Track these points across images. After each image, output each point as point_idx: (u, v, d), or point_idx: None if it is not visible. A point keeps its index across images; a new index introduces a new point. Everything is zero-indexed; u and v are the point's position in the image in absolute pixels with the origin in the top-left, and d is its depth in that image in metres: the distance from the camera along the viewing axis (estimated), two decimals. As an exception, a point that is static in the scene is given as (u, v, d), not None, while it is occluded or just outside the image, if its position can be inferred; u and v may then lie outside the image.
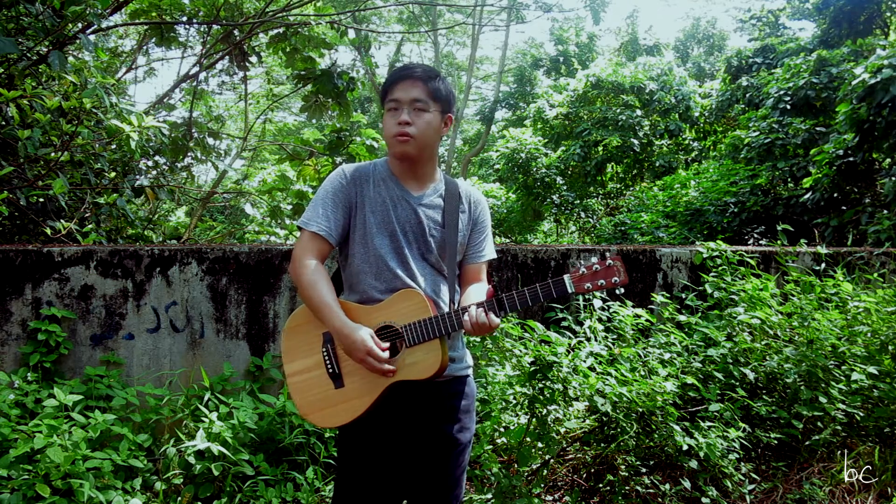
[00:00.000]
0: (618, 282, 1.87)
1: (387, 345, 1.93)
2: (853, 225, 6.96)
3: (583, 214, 14.39)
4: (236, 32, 6.44)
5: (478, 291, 2.09)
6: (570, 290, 1.88)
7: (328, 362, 2.02)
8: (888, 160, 7.35)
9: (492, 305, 1.90)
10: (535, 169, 13.78)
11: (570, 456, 3.48)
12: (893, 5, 11.02)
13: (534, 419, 3.21)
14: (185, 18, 6.53)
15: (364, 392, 1.97)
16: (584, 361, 3.26)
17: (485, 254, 2.17)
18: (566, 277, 1.88)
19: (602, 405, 3.11)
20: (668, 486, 3.20)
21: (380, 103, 2.20)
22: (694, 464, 3.13)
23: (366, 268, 2.03)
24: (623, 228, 10.53)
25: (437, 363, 1.91)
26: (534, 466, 3.29)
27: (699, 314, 4.09)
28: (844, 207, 7.56)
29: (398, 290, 1.98)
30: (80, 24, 4.36)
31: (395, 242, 2.02)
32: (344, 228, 2.05)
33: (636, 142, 13.05)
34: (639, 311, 3.67)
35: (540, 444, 3.19)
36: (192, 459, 3.04)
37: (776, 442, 3.45)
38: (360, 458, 2.03)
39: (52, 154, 4.03)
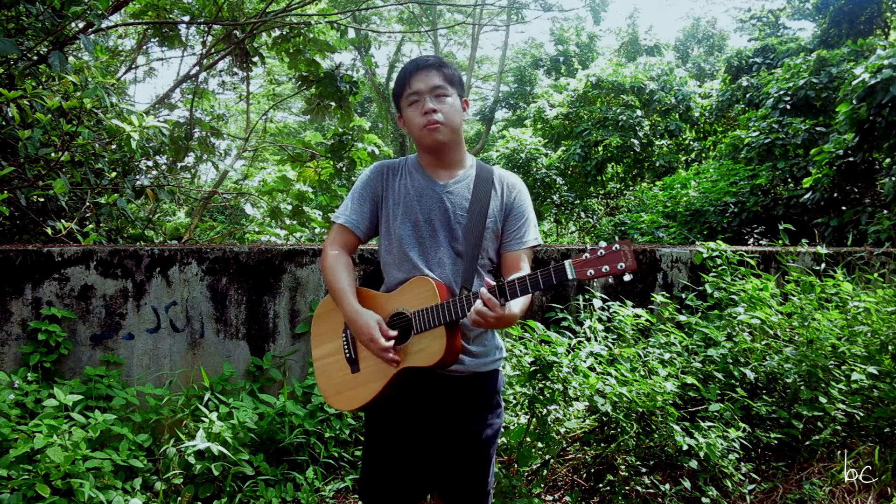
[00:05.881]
0: (624, 268, 1.69)
1: (394, 333, 1.93)
2: (853, 225, 6.96)
3: (583, 214, 14.40)
4: (238, 32, 6.44)
5: None
6: (570, 276, 1.74)
7: (346, 347, 2.07)
8: (888, 160, 7.35)
9: (493, 292, 1.80)
10: (535, 169, 13.79)
11: (570, 456, 3.48)
12: (893, 5, 11.03)
13: (534, 419, 3.21)
14: (186, 18, 6.53)
15: (375, 377, 2.00)
16: (584, 361, 3.26)
17: (525, 240, 2.07)
18: (567, 263, 1.75)
19: (602, 405, 3.11)
20: (668, 486, 3.20)
21: (393, 104, 2.17)
22: (694, 464, 3.13)
23: (390, 259, 2.07)
24: (623, 228, 10.54)
25: (440, 350, 1.88)
26: (534, 466, 3.29)
27: (699, 314, 4.09)
28: (844, 207, 7.56)
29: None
30: (80, 24, 4.36)
31: (418, 233, 2.03)
32: (371, 221, 2.11)
33: (636, 142, 13.06)
34: (639, 311, 3.67)
35: (540, 444, 3.18)
36: (192, 459, 3.04)
37: (776, 442, 3.45)
38: (381, 446, 2.07)
39: (53, 154, 4.02)
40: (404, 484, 2.05)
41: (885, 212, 6.65)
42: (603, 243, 1.75)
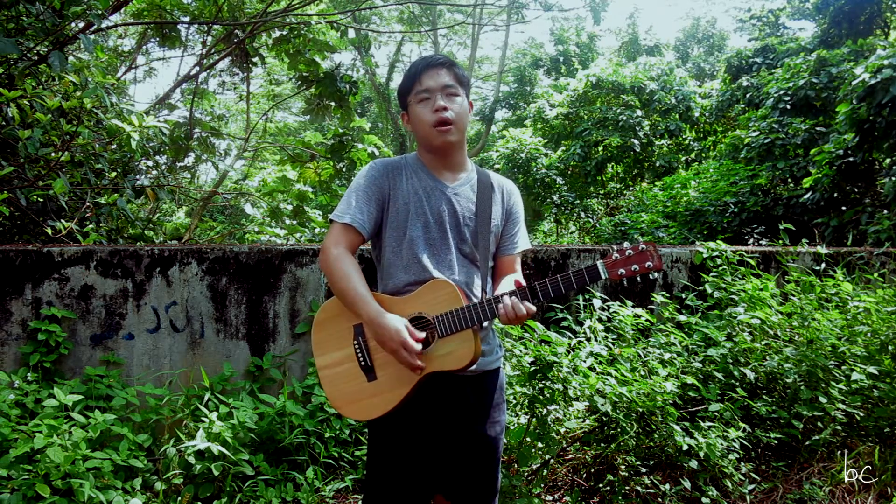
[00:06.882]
0: (651, 266, 1.80)
1: (422, 335, 1.89)
2: (853, 225, 6.96)
3: (583, 214, 14.40)
4: (238, 32, 6.44)
5: (511, 282, 2.02)
6: (603, 277, 1.82)
7: (360, 355, 2.00)
8: (888, 160, 7.35)
9: (525, 294, 1.86)
10: (534, 169, 13.80)
11: (570, 456, 3.48)
12: (893, 5, 11.03)
13: (534, 419, 3.21)
14: (186, 18, 6.54)
15: (398, 384, 1.95)
16: (584, 361, 3.26)
17: (519, 245, 2.14)
18: (599, 264, 1.82)
19: (602, 405, 3.11)
20: (668, 486, 3.20)
21: (399, 101, 2.16)
22: (694, 464, 3.13)
23: (396, 260, 2.02)
24: (623, 228, 10.54)
25: (469, 353, 1.89)
26: (534, 466, 3.29)
27: (699, 314, 4.09)
28: (844, 207, 7.56)
29: (427, 281, 1.95)
30: (80, 24, 4.36)
31: (428, 234, 2.00)
32: (376, 221, 2.04)
33: (636, 142, 13.06)
34: (639, 311, 3.67)
35: (540, 444, 3.18)
36: (192, 459, 3.04)
37: (776, 442, 3.45)
38: (390, 449, 2.03)
39: (53, 154, 4.03)
40: (412, 487, 2.02)
41: (885, 212, 6.65)
42: (628, 244, 1.83)
